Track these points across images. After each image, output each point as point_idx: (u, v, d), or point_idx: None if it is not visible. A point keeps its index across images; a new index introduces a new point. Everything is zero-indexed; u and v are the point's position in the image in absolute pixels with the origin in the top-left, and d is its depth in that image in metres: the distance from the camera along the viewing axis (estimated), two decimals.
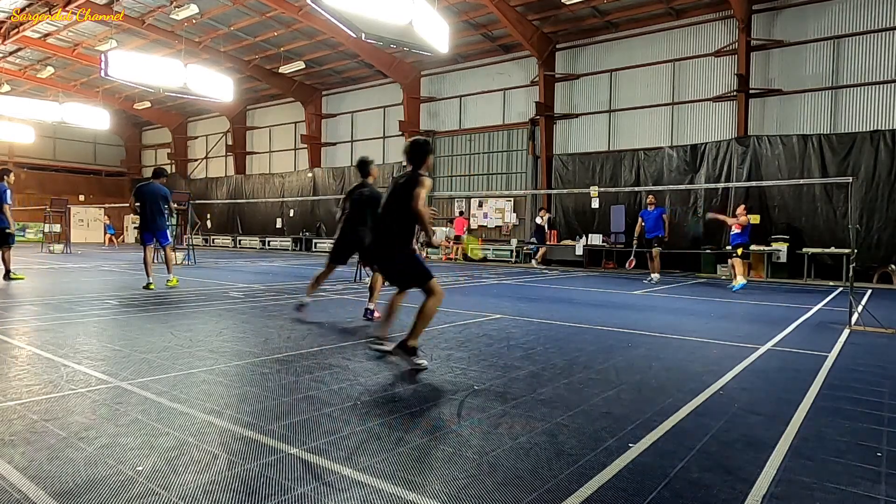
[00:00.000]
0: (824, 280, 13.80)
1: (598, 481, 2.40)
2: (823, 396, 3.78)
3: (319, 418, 3.11)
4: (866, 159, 13.73)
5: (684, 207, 16.47)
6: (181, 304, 7.61)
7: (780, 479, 2.47)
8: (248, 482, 2.31)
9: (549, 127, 19.27)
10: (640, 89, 17.84)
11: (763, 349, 5.35)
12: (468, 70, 21.64)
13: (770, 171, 14.90)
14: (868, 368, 4.69)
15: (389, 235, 4.38)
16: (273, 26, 20.43)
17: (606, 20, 17.52)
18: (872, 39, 14.29)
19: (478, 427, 3.04)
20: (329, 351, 4.86)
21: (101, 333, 5.51)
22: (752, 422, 3.23)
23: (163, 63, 16.91)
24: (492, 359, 4.70)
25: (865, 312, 7.43)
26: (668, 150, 16.79)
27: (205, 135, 32.56)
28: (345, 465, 2.50)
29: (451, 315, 7.02)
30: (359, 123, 25.56)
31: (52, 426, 2.88)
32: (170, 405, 3.27)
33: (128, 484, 2.26)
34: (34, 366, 4.13)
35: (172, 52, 21.35)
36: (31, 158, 32.61)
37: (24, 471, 2.35)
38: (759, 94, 15.64)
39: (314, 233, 25.83)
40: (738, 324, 7.09)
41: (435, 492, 2.27)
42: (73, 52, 23.60)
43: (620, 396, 3.69)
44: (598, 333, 6.10)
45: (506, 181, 20.81)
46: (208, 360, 4.41)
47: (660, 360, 4.79)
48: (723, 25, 16.27)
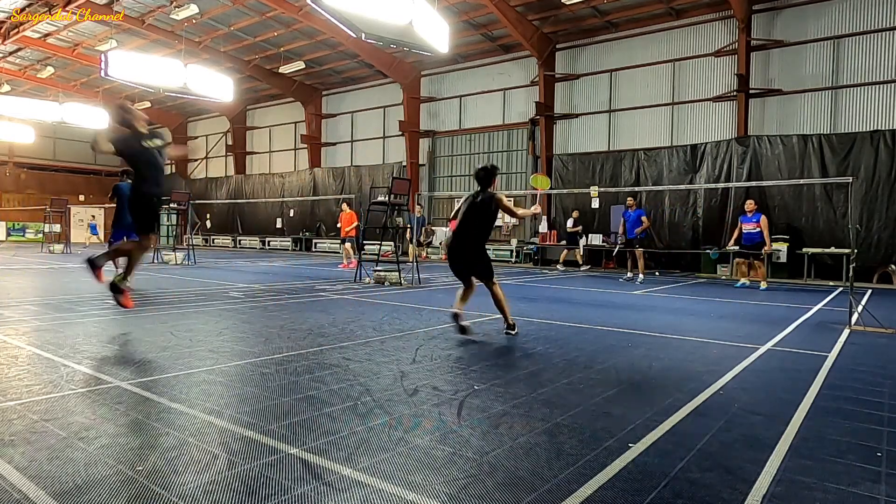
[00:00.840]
0: (824, 280, 13.80)
1: (598, 481, 2.40)
2: (823, 396, 3.78)
3: (319, 418, 3.11)
4: (866, 159, 13.73)
5: (684, 207, 16.47)
6: (181, 304, 7.61)
7: (780, 479, 2.47)
8: (248, 482, 2.31)
9: (549, 127, 19.27)
10: (640, 89, 17.84)
11: (763, 349, 5.35)
12: (468, 70, 21.65)
13: (770, 171, 14.90)
14: (868, 368, 4.69)
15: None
16: (273, 26, 20.43)
17: (606, 20, 17.52)
18: (872, 39, 14.29)
19: (478, 427, 3.03)
20: (329, 351, 4.86)
21: (101, 333, 5.51)
22: (752, 422, 3.23)
23: (163, 63, 16.92)
24: (492, 359, 4.70)
25: (865, 312, 7.43)
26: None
27: (205, 135, 32.56)
28: (345, 465, 2.50)
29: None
30: (359, 123, 25.56)
31: (52, 426, 2.88)
32: (170, 405, 3.27)
33: (128, 484, 2.25)
34: (34, 366, 4.13)
35: (172, 52, 21.35)
36: (31, 158, 32.61)
37: (24, 471, 2.35)
38: (759, 94, 15.64)
39: (314, 233, 25.83)
40: (738, 324, 7.09)
41: (435, 492, 2.27)
42: (73, 52, 23.60)
43: (620, 396, 3.69)
44: (598, 333, 6.10)
45: (506, 181, 20.80)
46: (208, 360, 4.41)
47: (660, 360, 4.79)
48: (723, 25, 16.27)
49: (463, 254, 5.78)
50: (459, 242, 5.79)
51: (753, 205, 11.96)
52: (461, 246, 5.78)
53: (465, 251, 5.77)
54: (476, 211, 5.69)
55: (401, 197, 11.02)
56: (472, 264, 5.78)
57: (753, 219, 11.77)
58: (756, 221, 11.71)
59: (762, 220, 11.68)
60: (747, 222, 11.85)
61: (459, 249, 5.79)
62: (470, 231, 5.73)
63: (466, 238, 5.75)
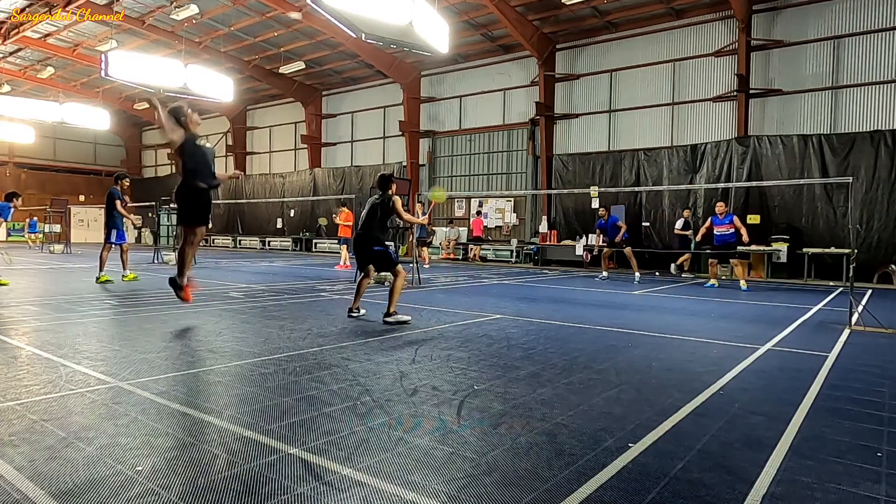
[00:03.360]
0: (824, 280, 13.80)
1: (598, 481, 2.39)
2: (823, 397, 3.78)
3: (319, 418, 3.11)
4: (866, 159, 13.74)
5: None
6: (181, 304, 7.60)
7: (780, 479, 2.47)
8: (248, 482, 2.31)
9: (549, 127, 19.28)
10: (640, 89, 17.84)
11: (763, 349, 5.34)
12: (468, 70, 21.65)
13: (770, 171, 14.90)
14: (868, 368, 4.69)
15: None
16: (273, 26, 20.43)
17: (606, 20, 17.53)
18: (872, 39, 14.29)
19: (478, 427, 3.03)
20: (329, 351, 4.86)
21: (101, 333, 5.51)
22: (752, 422, 3.23)
23: (163, 63, 16.93)
24: (492, 359, 4.70)
25: (865, 312, 7.43)
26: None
27: (205, 135, 32.20)
28: (345, 465, 2.50)
29: (451, 315, 7.02)
30: (359, 123, 25.56)
31: (52, 426, 2.88)
32: (170, 405, 3.27)
33: (128, 484, 2.25)
34: (34, 366, 4.13)
35: (172, 52, 21.36)
36: (32, 158, 32.62)
37: (23, 471, 2.35)
38: (760, 94, 15.64)
39: (314, 233, 25.83)
40: (738, 324, 7.08)
41: (434, 491, 2.27)
42: (73, 52, 23.60)
43: (620, 396, 3.69)
44: (598, 333, 6.10)
45: (506, 181, 20.81)
46: (208, 360, 4.41)
47: (660, 360, 4.78)
48: (723, 25, 16.27)
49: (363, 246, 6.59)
50: (361, 237, 6.60)
51: (724, 207, 11.92)
52: (362, 239, 6.57)
53: (366, 244, 6.56)
54: (374, 210, 6.54)
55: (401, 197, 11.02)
56: (372, 256, 6.56)
57: (725, 220, 11.71)
58: (729, 223, 11.72)
59: (735, 221, 11.67)
60: (719, 224, 11.78)
61: (361, 242, 6.59)
62: (370, 226, 6.54)
63: (368, 232, 6.54)
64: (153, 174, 35.74)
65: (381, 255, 6.49)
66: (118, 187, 10.41)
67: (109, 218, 10.40)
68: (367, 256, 6.57)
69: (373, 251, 6.47)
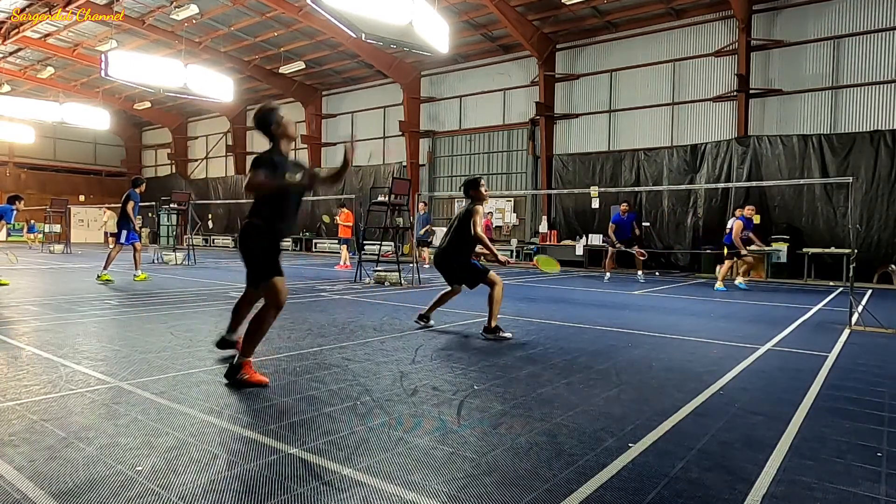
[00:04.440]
0: (824, 280, 13.80)
1: (598, 481, 2.39)
2: (824, 396, 3.78)
3: (319, 418, 3.11)
4: (866, 159, 13.74)
5: (684, 208, 16.48)
6: (181, 304, 7.61)
7: (780, 479, 2.47)
8: (248, 482, 2.31)
9: (549, 127, 19.27)
10: (640, 89, 17.84)
11: (763, 349, 5.34)
12: (468, 70, 21.64)
13: (770, 171, 14.90)
14: (868, 368, 4.69)
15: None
16: (273, 26, 20.43)
17: (606, 20, 17.52)
18: (872, 39, 14.29)
19: (478, 427, 3.03)
20: (329, 351, 4.86)
21: (101, 333, 5.51)
22: (752, 422, 3.23)
23: (163, 63, 16.94)
24: (492, 359, 4.70)
25: (865, 312, 7.43)
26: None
27: (205, 135, 32.55)
28: (345, 465, 2.50)
29: (452, 315, 7.02)
30: (359, 123, 25.55)
31: (52, 426, 2.88)
32: (169, 405, 3.27)
33: (127, 484, 2.25)
34: (34, 366, 4.13)
35: (172, 52, 21.35)
36: (32, 158, 32.60)
37: (23, 471, 2.35)
38: (760, 94, 15.64)
39: (314, 233, 25.83)
40: (738, 324, 7.08)
41: (434, 491, 2.27)
42: (73, 52, 23.59)
43: (620, 396, 3.69)
44: (598, 333, 6.10)
45: (506, 181, 20.81)
46: (208, 360, 4.41)
47: (660, 360, 4.78)
48: (723, 25, 16.27)
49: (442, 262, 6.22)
50: (440, 251, 6.22)
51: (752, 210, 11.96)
52: (442, 254, 6.20)
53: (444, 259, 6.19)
54: (455, 220, 6.15)
55: (401, 197, 11.03)
56: (451, 270, 6.16)
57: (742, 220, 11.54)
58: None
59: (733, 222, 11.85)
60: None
61: (440, 258, 6.23)
62: (449, 239, 6.14)
63: (448, 246, 6.13)
64: (153, 174, 35.74)
65: (461, 269, 6.03)
66: (138, 191, 10.52)
67: (123, 219, 10.49)
68: (449, 272, 6.15)
69: (452, 266, 6.07)
